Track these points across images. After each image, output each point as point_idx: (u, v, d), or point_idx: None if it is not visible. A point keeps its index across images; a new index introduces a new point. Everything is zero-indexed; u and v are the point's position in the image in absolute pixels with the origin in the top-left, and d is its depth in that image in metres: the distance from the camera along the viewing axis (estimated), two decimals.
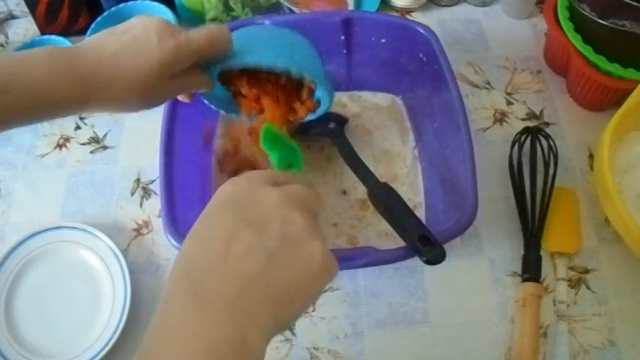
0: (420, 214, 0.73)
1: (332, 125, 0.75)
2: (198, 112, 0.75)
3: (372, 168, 0.75)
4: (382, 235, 0.72)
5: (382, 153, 0.78)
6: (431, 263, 0.55)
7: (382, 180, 0.72)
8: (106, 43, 0.51)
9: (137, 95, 0.52)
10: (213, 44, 0.54)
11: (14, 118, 0.49)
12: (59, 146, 0.83)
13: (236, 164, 0.75)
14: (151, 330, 0.36)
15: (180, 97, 0.62)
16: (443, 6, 0.96)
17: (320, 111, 0.67)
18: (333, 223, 0.73)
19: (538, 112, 0.83)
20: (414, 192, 0.75)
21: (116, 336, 0.65)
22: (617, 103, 0.73)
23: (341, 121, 0.77)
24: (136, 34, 0.51)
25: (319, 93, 0.65)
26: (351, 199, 0.74)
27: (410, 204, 0.73)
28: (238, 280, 0.36)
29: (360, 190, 0.74)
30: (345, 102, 0.83)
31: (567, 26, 0.77)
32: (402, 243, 0.59)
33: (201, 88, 0.59)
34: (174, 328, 0.35)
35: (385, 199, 0.61)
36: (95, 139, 0.83)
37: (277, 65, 0.60)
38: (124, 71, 0.50)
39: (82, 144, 0.83)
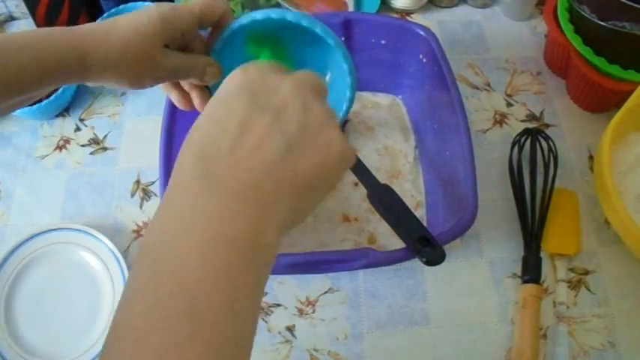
0: (421, 213, 0.73)
1: None
2: (199, 112, 0.75)
3: (376, 163, 0.76)
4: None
5: (385, 149, 0.78)
6: (431, 264, 0.55)
7: (387, 175, 0.72)
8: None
9: (136, 53, 0.49)
10: (210, 5, 0.51)
11: (20, 85, 0.47)
12: (59, 148, 0.83)
13: None
14: (155, 222, 0.34)
15: (177, 104, 0.59)
16: (443, 7, 0.96)
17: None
18: (353, 217, 0.73)
19: (538, 114, 0.83)
20: (417, 189, 0.75)
21: None
22: (617, 104, 0.73)
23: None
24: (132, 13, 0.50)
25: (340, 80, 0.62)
26: (363, 192, 0.74)
27: (412, 202, 0.73)
28: (256, 166, 0.34)
29: None
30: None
31: (567, 28, 0.77)
32: None
33: (208, 76, 0.55)
34: (184, 221, 0.33)
35: (385, 201, 0.60)
36: (95, 141, 0.83)
37: (301, 22, 0.53)
38: (117, 29, 0.48)
39: (82, 145, 0.83)
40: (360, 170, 0.65)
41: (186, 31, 0.51)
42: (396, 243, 0.69)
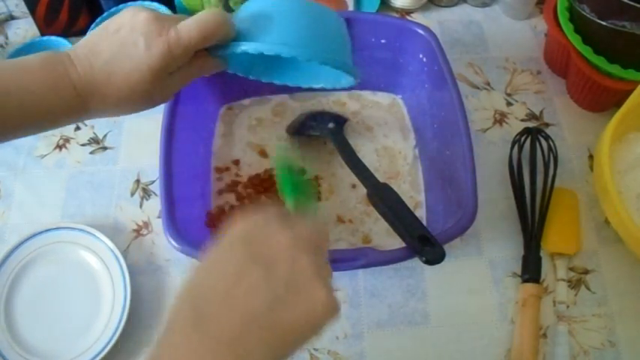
0: (421, 213, 0.73)
1: (331, 125, 0.74)
2: (199, 112, 0.76)
3: (374, 163, 0.76)
4: (391, 231, 0.71)
5: (384, 149, 0.78)
6: (430, 263, 0.55)
7: (385, 176, 0.72)
8: (99, 46, 0.50)
9: (134, 100, 0.51)
10: (207, 35, 0.51)
11: (13, 130, 0.49)
12: (59, 147, 0.83)
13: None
14: (151, 354, 0.37)
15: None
16: (443, 7, 0.96)
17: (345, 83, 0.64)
18: (348, 219, 0.73)
19: (538, 113, 0.83)
20: (415, 190, 0.75)
21: (116, 337, 0.65)
22: (617, 103, 0.73)
23: (340, 121, 0.77)
24: (124, 38, 0.49)
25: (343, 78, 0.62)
26: (359, 194, 0.74)
27: (411, 202, 0.73)
28: (242, 316, 0.37)
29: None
30: (345, 101, 0.83)
31: (567, 27, 0.77)
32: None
33: (212, 71, 0.56)
34: (173, 357, 0.36)
35: (385, 200, 0.60)
36: (95, 140, 0.83)
37: (298, 57, 0.54)
38: (115, 80, 0.49)
39: (82, 145, 0.82)
40: (360, 169, 0.65)
41: (189, 48, 0.51)
42: (391, 243, 0.69)
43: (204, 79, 0.75)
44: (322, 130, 0.75)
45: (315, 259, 0.40)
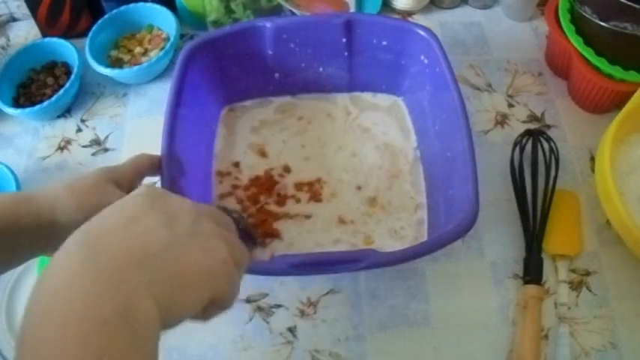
0: (422, 215, 0.73)
1: None
2: (200, 114, 0.76)
3: (377, 161, 0.77)
4: (392, 232, 0.72)
5: (385, 146, 0.78)
6: None
7: (388, 174, 0.74)
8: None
9: (83, 186, 0.53)
10: (138, 160, 0.60)
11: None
12: (60, 149, 0.83)
13: None
14: (32, 298, 0.33)
15: None
16: (444, 8, 0.96)
17: None
18: (350, 220, 0.73)
19: (539, 115, 0.83)
20: (416, 191, 0.75)
21: None
22: (619, 105, 0.73)
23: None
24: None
25: None
26: (363, 196, 0.74)
27: (412, 203, 0.73)
28: (137, 249, 0.35)
29: (372, 187, 0.75)
30: (347, 103, 0.83)
31: (568, 28, 0.77)
32: (409, 242, 0.58)
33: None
34: (56, 296, 0.33)
35: None
36: (96, 142, 0.83)
37: None
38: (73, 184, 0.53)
39: (84, 146, 0.83)
40: None
41: (128, 175, 0.57)
42: (392, 244, 0.70)
43: (205, 81, 0.75)
44: None
45: (219, 228, 0.41)
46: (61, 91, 0.82)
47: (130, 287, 0.34)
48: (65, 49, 0.87)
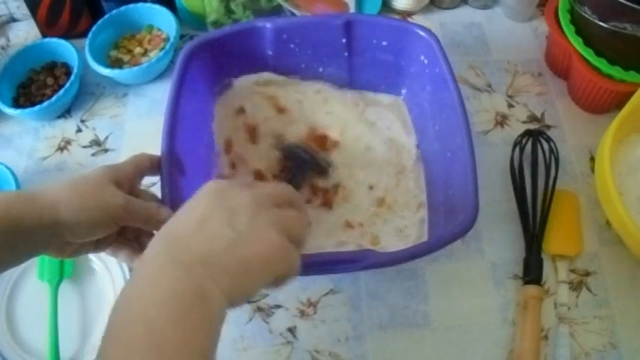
0: (423, 214, 0.73)
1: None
2: (201, 114, 0.76)
3: (385, 155, 0.77)
4: (397, 231, 0.72)
5: (390, 141, 0.78)
6: None
7: (394, 171, 0.76)
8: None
9: (85, 189, 0.54)
10: (138, 158, 0.61)
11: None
12: (60, 149, 0.83)
13: None
14: (123, 288, 0.42)
15: (130, 262, 0.61)
16: (444, 9, 0.96)
17: None
18: (358, 223, 0.73)
19: (539, 115, 0.83)
20: (418, 189, 0.75)
21: None
22: (619, 105, 0.73)
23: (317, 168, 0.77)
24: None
25: None
26: (374, 196, 0.74)
27: (415, 201, 0.73)
28: (208, 249, 0.42)
29: (382, 186, 0.75)
30: (347, 103, 0.83)
31: (568, 29, 0.77)
32: (412, 242, 0.58)
33: (162, 215, 0.59)
34: (142, 284, 0.41)
35: None
36: (96, 142, 0.83)
37: None
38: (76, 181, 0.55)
39: (84, 147, 0.83)
40: None
41: (129, 174, 0.58)
42: (395, 244, 0.70)
43: (205, 81, 0.75)
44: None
45: (275, 213, 0.46)
46: (61, 92, 0.82)
47: (202, 276, 0.41)
48: (65, 49, 0.87)
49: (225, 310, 0.42)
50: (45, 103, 0.81)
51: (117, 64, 0.88)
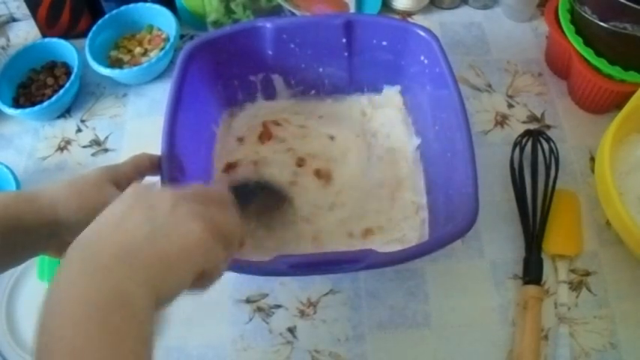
0: (423, 215, 0.73)
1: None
2: (200, 114, 0.76)
3: (376, 167, 0.77)
4: (396, 241, 0.71)
5: (386, 152, 0.78)
6: None
7: (387, 180, 0.75)
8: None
9: (83, 186, 0.54)
10: (137, 159, 0.61)
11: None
12: (60, 149, 0.83)
13: None
14: (43, 302, 0.38)
15: None
16: (444, 9, 0.96)
17: None
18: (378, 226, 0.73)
19: (539, 115, 0.83)
20: (417, 192, 0.75)
21: None
22: (619, 105, 0.73)
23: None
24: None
25: None
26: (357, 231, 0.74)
27: (413, 206, 0.73)
28: (123, 245, 0.40)
29: (371, 217, 0.74)
30: (347, 104, 0.83)
31: (568, 29, 0.77)
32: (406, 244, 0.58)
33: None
34: (59, 292, 0.38)
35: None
36: (96, 142, 0.83)
37: None
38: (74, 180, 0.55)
39: (84, 147, 0.83)
40: None
41: (128, 174, 0.58)
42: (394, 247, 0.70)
43: (205, 81, 0.75)
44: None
45: (199, 207, 0.44)
46: (61, 92, 0.82)
47: (119, 277, 0.38)
48: (65, 49, 0.87)
49: (152, 309, 0.39)
50: (45, 103, 0.81)
51: (117, 64, 0.88)
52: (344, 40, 0.76)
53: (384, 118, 0.81)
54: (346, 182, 0.76)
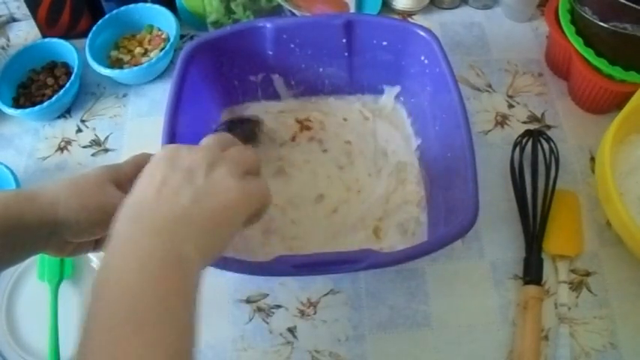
0: (422, 216, 0.73)
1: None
2: (200, 114, 0.76)
3: (374, 169, 0.76)
4: (399, 226, 0.72)
5: (383, 155, 0.78)
6: None
7: (386, 180, 0.74)
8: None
9: (84, 186, 0.54)
10: (138, 158, 0.59)
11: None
12: (60, 149, 0.83)
13: None
14: (103, 259, 0.41)
15: None
16: (444, 9, 0.96)
17: None
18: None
19: (539, 115, 0.83)
20: (417, 192, 0.75)
21: None
22: (619, 106, 0.73)
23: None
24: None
25: None
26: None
27: (412, 206, 0.73)
28: (170, 210, 0.43)
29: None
30: (347, 104, 0.83)
31: (568, 29, 0.77)
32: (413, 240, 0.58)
33: None
34: (114, 256, 0.41)
35: None
36: (96, 142, 0.83)
37: None
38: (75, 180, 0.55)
39: (84, 147, 0.83)
40: None
41: (129, 174, 0.57)
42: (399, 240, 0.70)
43: (205, 81, 0.75)
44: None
45: (227, 160, 0.47)
46: (61, 92, 0.82)
47: (171, 241, 0.41)
48: (65, 49, 0.87)
49: (201, 269, 0.43)
50: (45, 103, 0.81)
51: (117, 64, 0.88)
52: (344, 41, 0.76)
53: (380, 122, 0.81)
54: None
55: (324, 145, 0.79)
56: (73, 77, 0.84)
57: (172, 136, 0.65)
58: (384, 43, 0.76)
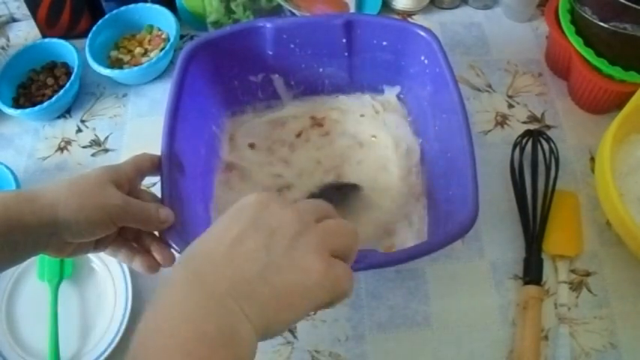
0: (422, 216, 0.73)
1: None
2: (201, 114, 0.76)
3: (374, 172, 0.76)
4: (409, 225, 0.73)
5: (381, 157, 0.78)
6: None
7: (385, 184, 0.72)
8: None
9: (83, 187, 0.53)
10: (139, 157, 0.60)
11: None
12: (60, 149, 0.83)
13: None
14: (146, 315, 0.38)
15: (143, 269, 0.59)
16: (444, 9, 0.96)
17: None
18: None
19: (539, 115, 0.83)
20: (417, 192, 0.75)
21: (117, 339, 0.65)
22: (619, 106, 0.73)
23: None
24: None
25: None
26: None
27: (411, 207, 0.73)
28: (237, 276, 0.38)
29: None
30: (347, 104, 0.83)
31: (568, 29, 0.77)
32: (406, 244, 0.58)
33: (162, 216, 0.58)
34: (167, 315, 0.37)
35: None
36: (96, 142, 0.83)
37: None
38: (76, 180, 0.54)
39: (84, 147, 0.83)
40: None
41: (129, 174, 0.57)
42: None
43: (205, 81, 0.75)
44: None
45: (318, 233, 0.42)
46: (61, 92, 0.82)
47: (229, 311, 0.37)
48: (65, 49, 0.88)
49: (256, 343, 0.39)
50: (45, 104, 0.81)
51: (117, 64, 0.88)
52: (344, 41, 0.76)
53: (380, 123, 0.81)
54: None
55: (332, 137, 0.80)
56: (73, 77, 0.84)
57: (172, 136, 0.65)
58: (384, 43, 0.76)
